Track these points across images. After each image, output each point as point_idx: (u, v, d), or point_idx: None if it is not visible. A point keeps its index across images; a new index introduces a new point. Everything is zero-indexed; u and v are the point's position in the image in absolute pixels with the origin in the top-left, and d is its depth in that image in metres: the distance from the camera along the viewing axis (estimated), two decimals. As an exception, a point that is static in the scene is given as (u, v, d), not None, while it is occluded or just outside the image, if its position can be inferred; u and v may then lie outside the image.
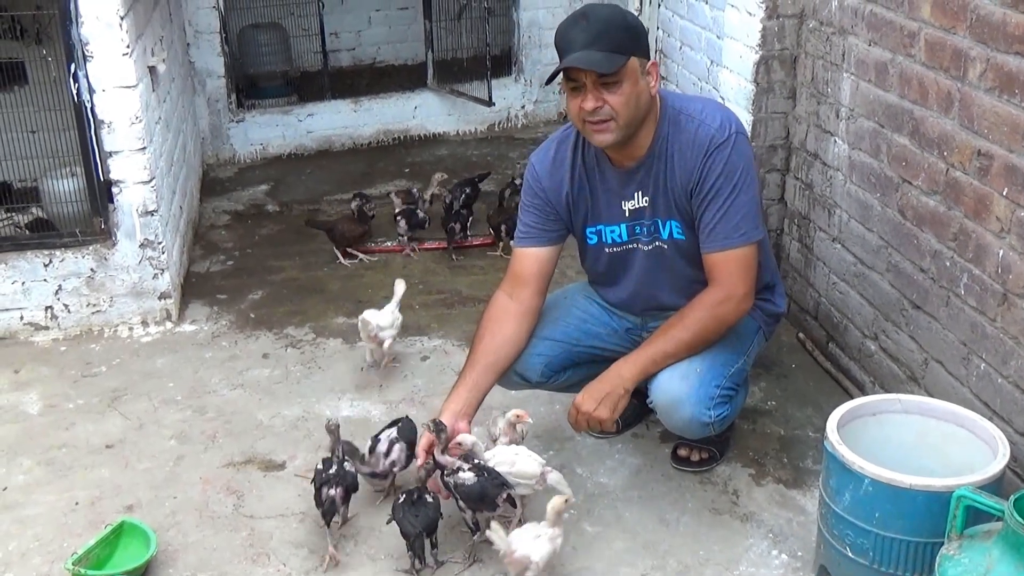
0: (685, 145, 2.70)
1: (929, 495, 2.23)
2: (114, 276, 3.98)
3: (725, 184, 2.65)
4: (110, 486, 3.09)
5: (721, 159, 2.65)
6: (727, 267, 2.69)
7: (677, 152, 2.71)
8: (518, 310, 2.89)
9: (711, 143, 2.66)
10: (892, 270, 3.11)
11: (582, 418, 2.72)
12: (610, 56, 2.55)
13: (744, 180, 2.66)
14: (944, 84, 2.75)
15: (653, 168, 2.75)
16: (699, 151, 2.67)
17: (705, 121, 2.70)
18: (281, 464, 3.18)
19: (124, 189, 3.88)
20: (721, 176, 2.65)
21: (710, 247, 2.71)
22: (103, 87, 3.74)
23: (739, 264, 2.69)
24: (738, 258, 2.69)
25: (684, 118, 2.72)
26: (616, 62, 2.55)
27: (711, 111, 2.73)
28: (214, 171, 6.00)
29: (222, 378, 3.69)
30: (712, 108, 2.75)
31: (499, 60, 6.44)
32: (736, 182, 2.65)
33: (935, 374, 2.90)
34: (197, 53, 5.91)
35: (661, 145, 2.73)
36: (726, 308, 2.71)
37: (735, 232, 2.67)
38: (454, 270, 4.53)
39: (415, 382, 3.60)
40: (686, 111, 2.73)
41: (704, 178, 2.67)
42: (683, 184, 2.71)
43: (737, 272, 2.69)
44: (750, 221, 2.68)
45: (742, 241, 2.68)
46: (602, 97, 2.59)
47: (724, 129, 2.67)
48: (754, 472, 3.05)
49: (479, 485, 2.60)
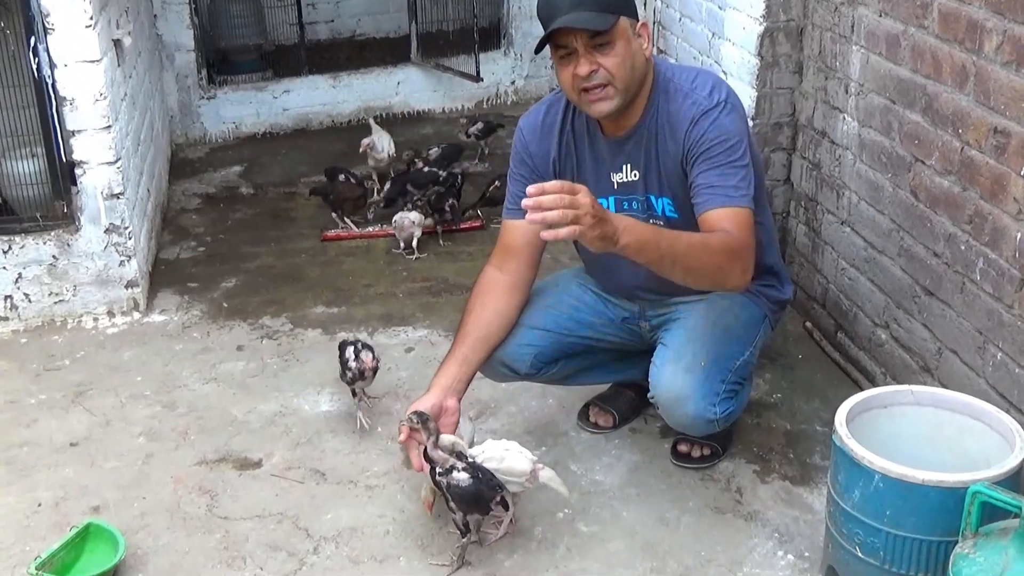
0: (674, 116, 2.70)
1: (943, 491, 2.24)
2: (77, 263, 3.97)
3: (718, 145, 2.63)
4: (75, 486, 3.09)
5: (708, 124, 2.63)
6: (732, 222, 2.58)
7: (667, 124, 2.71)
8: (508, 282, 2.90)
9: (698, 110, 2.66)
10: (904, 255, 3.12)
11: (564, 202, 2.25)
12: (600, 14, 2.55)
13: (738, 148, 2.64)
14: (959, 57, 2.76)
15: (643, 140, 2.75)
16: (686, 119, 2.67)
17: (695, 91, 2.70)
18: (257, 462, 3.18)
19: (88, 171, 3.87)
20: (713, 139, 2.63)
21: (710, 204, 2.61)
22: (65, 62, 3.72)
23: (743, 223, 2.59)
24: (741, 217, 2.60)
25: (673, 87, 2.72)
26: (607, 20, 2.56)
27: (702, 81, 2.73)
28: (183, 151, 5.98)
29: (193, 371, 3.69)
30: (704, 78, 2.75)
31: (487, 32, 6.43)
32: (731, 146, 2.63)
33: (949, 364, 2.92)
34: (165, 25, 5.88)
35: (652, 116, 2.73)
36: (736, 254, 2.55)
37: (735, 191, 2.61)
38: (440, 256, 4.54)
39: (399, 375, 3.61)
40: (675, 81, 2.74)
41: (693, 144, 2.65)
42: (675, 158, 2.71)
43: (743, 229, 2.59)
44: (746, 187, 2.64)
45: (743, 202, 2.61)
46: (596, 60, 2.58)
47: (712, 98, 2.67)
48: (759, 469, 3.07)
49: (474, 486, 2.60)
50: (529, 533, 2.81)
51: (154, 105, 5.30)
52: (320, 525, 2.89)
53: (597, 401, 3.29)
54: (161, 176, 5.21)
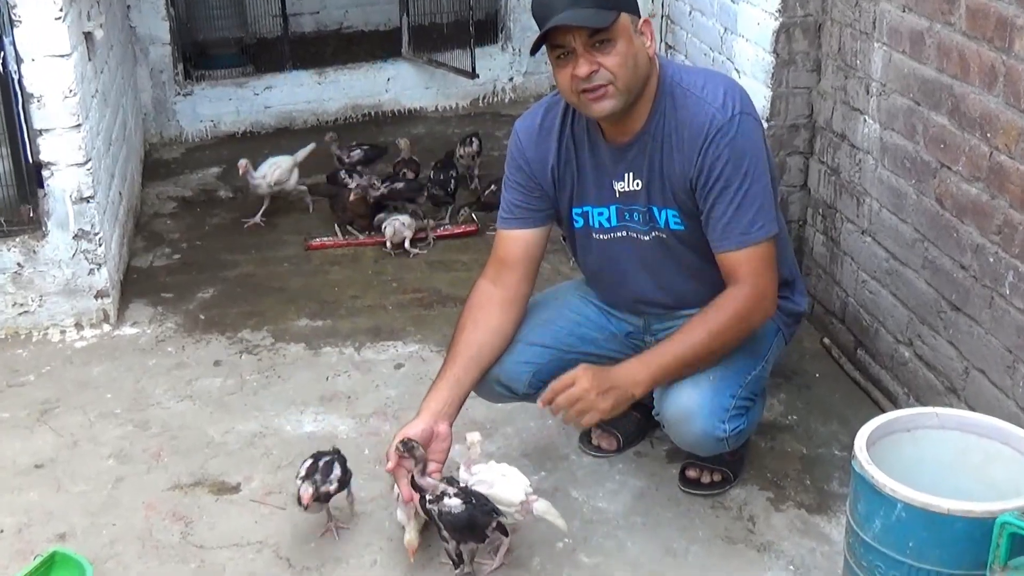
0: (682, 126, 2.70)
1: (969, 521, 2.24)
2: (44, 272, 3.98)
3: (734, 173, 2.66)
4: (40, 511, 3.09)
5: (724, 144, 2.65)
6: (749, 266, 2.69)
7: (675, 133, 2.71)
8: (503, 297, 2.90)
9: (711, 126, 2.66)
10: (929, 267, 3.13)
11: (571, 399, 2.64)
12: (599, 11, 2.55)
13: (755, 167, 2.67)
14: (987, 56, 2.77)
15: (648, 148, 2.75)
16: (697, 135, 2.67)
17: (705, 99, 2.69)
18: (235, 487, 3.18)
19: (56, 172, 3.88)
20: (728, 164, 2.65)
21: (726, 245, 2.71)
22: (32, 56, 3.73)
23: (761, 262, 2.70)
24: (759, 255, 2.69)
25: (681, 92, 2.72)
26: (607, 17, 2.56)
27: (713, 87, 2.72)
28: (158, 151, 5.99)
29: (167, 388, 3.69)
30: (715, 83, 2.75)
31: (484, 26, 6.45)
32: (746, 169, 2.66)
33: (977, 384, 2.92)
34: (139, 16, 5.90)
35: (657, 122, 2.73)
36: (752, 309, 2.71)
37: (752, 227, 2.67)
38: (432, 265, 4.55)
39: (387, 393, 3.61)
40: (684, 84, 2.73)
41: (707, 168, 2.67)
42: (682, 173, 2.72)
43: (760, 271, 2.70)
44: (766, 213, 2.69)
45: (761, 236, 2.69)
46: (595, 60, 2.59)
47: (726, 109, 2.67)
48: (772, 496, 3.07)
49: (467, 513, 2.60)
50: (527, 564, 2.81)
51: (127, 102, 5.31)
52: (302, 555, 2.89)
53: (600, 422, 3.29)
54: (134, 178, 5.21)
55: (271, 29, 6.64)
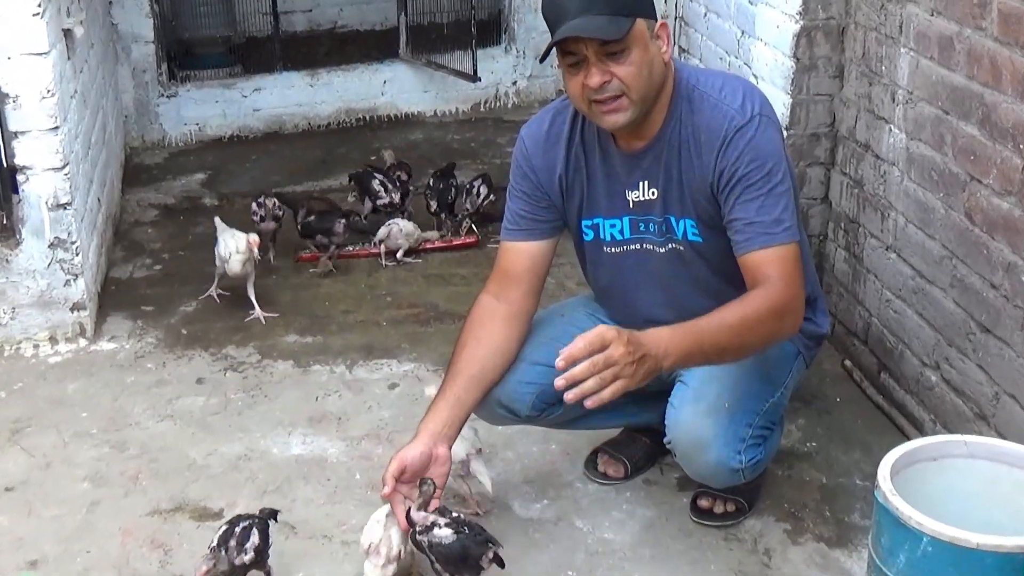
0: (700, 130, 2.71)
1: (1000, 557, 2.24)
2: (17, 283, 3.98)
3: (755, 172, 2.65)
4: (10, 537, 3.09)
5: (743, 144, 2.65)
6: (778, 267, 2.63)
7: (692, 138, 2.72)
8: (507, 312, 2.90)
9: (730, 127, 2.66)
10: (957, 285, 3.13)
11: (604, 363, 2.42)
12: (613, 19, 2.55)
13: (777, 167, 2.67)
14: (1020, 63, 2.78)
15: (663, 155, 2.76)
16: (715, 138, 2.68)
17: (723, 101, 2.70)
18: (218, 512, 3.18)
19: (31, 177, 3.89)
20: (749, 163, 2.65)
21: (750, 246, 2.66)
22: (8, 54, 3.74)
23: (790, 263, 2.65)
24: (787, 256, 2.65)
25: (698, 95, 2.73)
26: (622, 26, 2.56)
27: (732, 89, 2.73)
28: (139, 156, 6.01)
29: (147, 407, 3.69)
30: (734, 86, 2.76)
31: (486, 26, 6.48)
32: (770, 169, 2.65)
33: (1008, 411, 2.92)
34: (121, 13, 5.93)
35: (674, 128, 2.74)
36: (786, 307, 2.63)
37: (777, 226, 2.65)
38: (429, 279, 4.55)
39: (381, 414, 3.61)
40: (700, 88, 2.74)
41: (727, 169, 2.67)
42: (701, 178, 2.72)
43: (791, 272, 2.64)
44: (792, 216, 2.68)
45: (787, 237, 2.65)
46: (608, 70, 2.59)
47: (745, 111, 2.68)
48: (790, 528, 3.07)
49: (459, 544, 2.59)
50: (527, 598, 2.82)
51: (107, 104, 5.33)
52: (288, 585, 2.88)
53: (607, 448, 3.29)
54: (114, 184, 5.23)
55: (261, 27, 6.67)
